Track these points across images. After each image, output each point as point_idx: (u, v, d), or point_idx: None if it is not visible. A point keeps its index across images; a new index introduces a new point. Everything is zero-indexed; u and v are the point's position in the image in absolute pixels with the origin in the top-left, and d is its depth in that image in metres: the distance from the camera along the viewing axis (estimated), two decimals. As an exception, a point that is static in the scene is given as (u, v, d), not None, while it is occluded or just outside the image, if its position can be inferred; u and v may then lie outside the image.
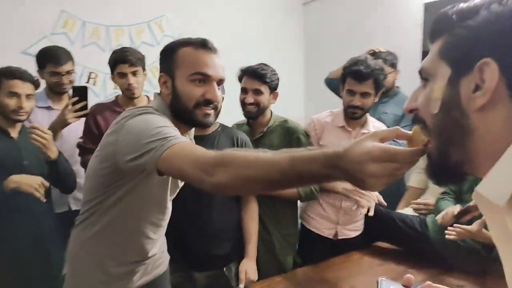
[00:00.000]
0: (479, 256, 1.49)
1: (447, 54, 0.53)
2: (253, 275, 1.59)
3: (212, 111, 1.08)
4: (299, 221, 1.94)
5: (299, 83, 4.00)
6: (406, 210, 2.05)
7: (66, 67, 2.02)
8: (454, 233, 1.49)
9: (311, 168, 0.66)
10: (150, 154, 0.89)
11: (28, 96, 1.62)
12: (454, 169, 0.56)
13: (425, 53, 2.40)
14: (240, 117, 1.86)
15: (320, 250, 1.81)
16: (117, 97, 2.01)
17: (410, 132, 0.63)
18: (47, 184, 1.58)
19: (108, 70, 1.96)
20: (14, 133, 1.65)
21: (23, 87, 1.59)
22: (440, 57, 0.54)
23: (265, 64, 1.74)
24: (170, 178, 1.13)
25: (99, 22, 2.92)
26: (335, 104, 2.67)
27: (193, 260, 1.55)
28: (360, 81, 1.66)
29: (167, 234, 1.43)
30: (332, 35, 3.65)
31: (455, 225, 1.50)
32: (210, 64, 1.05)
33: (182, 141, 0.90)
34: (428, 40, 0.58)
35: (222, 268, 1.60)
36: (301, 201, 1.80)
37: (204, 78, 1.05)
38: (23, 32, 2.65)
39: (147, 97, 2.05)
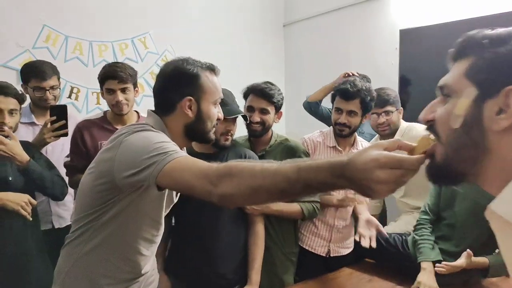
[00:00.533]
0: (458, 273, 1.56)
1: (474, 75, 0.57)
2: None
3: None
4: None
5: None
6: (390, 227, 2.14)
7: (51, 82, 1.98)
8: (443, 269, 1.56)
9: (317, 177, 0.69)
10: (150, 169, 0.90)
11: (11, 111, 1.58)
12: (457, 177, 0.61)
13: (402, 77, 2.52)
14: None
15: (313, 267, 1.84)
16: (105, 112, 1.95)
17: (413, 144, 0.67)
18: (34, 202, 1.53)
19: (90, 85, 1.94)
20: None
21: (5, 102, 1.55)
22: (466, 77, 0.58)
23: (271, 83, 1.76)
24: (166, 193, 1.14)
25: (82, 37, 2.89)
26: (315, 123, 2.79)
27: (196, 280, 1.53)
28: (346, 100, 1.73)
29: (171, 254, 1.44)
30: (312, 57, 3.78)
31: (443, 263, 1.57)
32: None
33: (183, 155, 0.92)
34: (451, 58, 0.63)
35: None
36: (303, 220, 1.81)
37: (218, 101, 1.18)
38: (4, 45, 2.59)
39: (137, 112, 2.00)
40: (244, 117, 1.60)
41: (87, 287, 1.11)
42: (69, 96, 2.84)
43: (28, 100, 1.93)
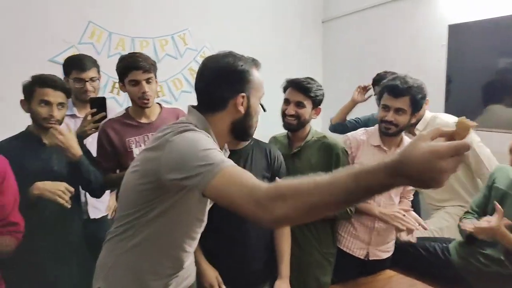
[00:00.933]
0: (503, 280, 1.46)
1: None
2: None
3: None
4: None
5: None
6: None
7: (90, 73, 2.01)
8: (471, 225, 1.47)
9: (376, 181, 0.69)
10: (198, 179, 0.89)
11: (59, 104, 1.61)
12: None
13: (450, 74, 2.39)
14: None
15: (351, 269, 1.78)
16: (127, 109, 1.86)
17: (452, 129, 0.72)
18: (71, 189, 1.53)
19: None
20: (46, 139, 1.65)
21: (54, 96, 1.58)
22: None
23: (311, 79, 1.71)
24: None
25: (125, 33, 2.97)
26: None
27: (227, 278, 1.51)
28: (395, 96, 1.65)
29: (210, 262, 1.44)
30: (351, 54, 3.68)
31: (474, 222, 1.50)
32: None
33: (229, 165, 0.90)
34: None
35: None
36: (334, 220, 1.77)
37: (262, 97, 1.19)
38: (52, 41, 2.70)
39: (159, 105, 1.92)
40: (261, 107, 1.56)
41: (130, 282, 1.12)
42: (111, 91, 2.92)
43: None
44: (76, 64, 2.00)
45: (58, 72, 2.58)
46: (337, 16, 3.81)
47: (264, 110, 1.52)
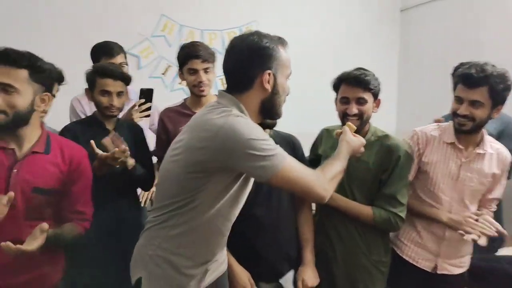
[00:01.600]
0: None
1: None
2: (312, 281, 1.51)
3: None
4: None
5: (392, 95, 3.74)
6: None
7: (118, 58, 2.06)
8: None
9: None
10: (261, 171, 1.01)
11: (119, 93, 1.66)
12: None
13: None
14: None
15: (413, 282, 1.60)
16: (185, 99, 1.90)
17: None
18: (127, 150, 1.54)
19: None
20: (109, 125, 1.72)
21: (114, 85, 1.63)
22: None
23: (364, 69, 1.54)
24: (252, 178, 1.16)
25: (195, 26, 3.03)
26: (431, 118, 2.45)
27: (263, 270, 1.50)
28: (469, 87, 1.43)
29: (235, 246, 1.41)
30: (432, 44, 3.35)
31: None
32: None
33: (288, 156, 1.05)
34: None
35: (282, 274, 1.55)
36: (374, 224, 1.54)
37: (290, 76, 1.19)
38: (127, 34, 2.84)
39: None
40: None
41: (171, 270, 1.12)
42: (180, 83, 3.00)
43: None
44: (105, 50, 2.05)
45: (133, 64, 2.76)
46: (417, 4, 3.50)
47: None
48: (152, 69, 2.95)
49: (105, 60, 2.04)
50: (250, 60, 1.09)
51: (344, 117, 1.52)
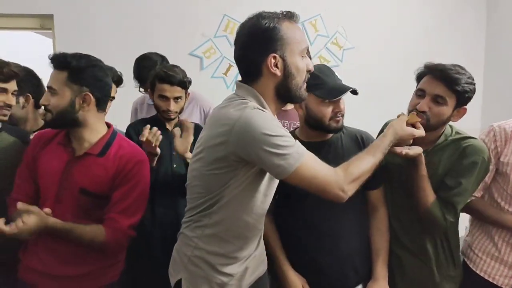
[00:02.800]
0: None
1: None
2: None
3: None
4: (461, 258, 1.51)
5: (477, 89, 3.31)
6: None
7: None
8: None
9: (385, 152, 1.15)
10: (278, 168, 0.97)
11: (176, 98, 1.71)
12: None
13: None
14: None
15: None
16: None
17: None
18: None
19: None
20: (169, 125, 1.79)
21: (171, 91, 1.68)
22: None
23: (461, 67, 1.31)
24: None
25: (256, 24, 3.01)
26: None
27: (324, 283, 1.36)
28: None
29: (293, 256, 1.34)
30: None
31: None
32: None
33: (306, 153, 1.01)
34: None
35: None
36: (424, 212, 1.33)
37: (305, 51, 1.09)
38: (191, 35, 2.93)
39: None
40: (354, 92, 1.28)
41: (211, 270, 1.12)
42: (241, 81, 3.02)
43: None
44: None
45: (196, 64, 2.84)
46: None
47: (355, 93, 1.29)
48: (214, 69, 2.99)
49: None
50: (251, 46, 1.04)
51: (411, 111, 1.33)
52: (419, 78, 1.37)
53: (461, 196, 1.29)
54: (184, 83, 1.72)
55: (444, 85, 1.26)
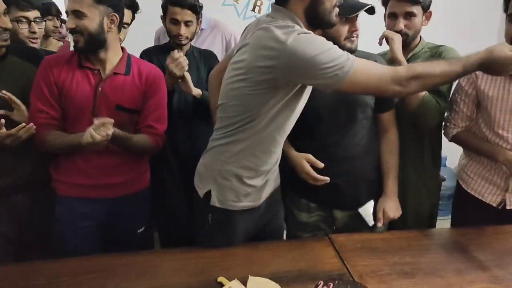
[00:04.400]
0: None
1: None
2: (393, 212, 1.46)
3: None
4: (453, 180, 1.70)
5: (494, 19, 3.21)
6: None
7: None
8: None
9: (472, 69, 1.08)
10: (332, 79, 1.01)
11: (186, 22, 1.72)
12: None
13: None
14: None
15: (479, 218, 1.51)
16: None
17: None
18: None
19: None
20: (181, 51, 1.79)
21: (181, 14, 1.69)
22: None
23: None
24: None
25: None
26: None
27: (338, 198, 1.47)
28: None
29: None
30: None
31: None
32: None
33: (355, 58, 1.04)
34: None
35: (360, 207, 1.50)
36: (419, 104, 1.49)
37: None
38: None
39: None
40: (371, 9, 1.32)
41: (237, 183, 1.23)
42: (253, 9, 2.98)
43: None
44: None
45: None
46: None
47: (372, 12, 1.34)
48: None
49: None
50: None
51: None
52: (384, 3, 1.55)
53: (449, 87, 1.55)
54: (195, 7, 1.73)
55: (409, 2, 1.46)
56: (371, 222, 1.46)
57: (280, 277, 1.11)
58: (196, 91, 1.72)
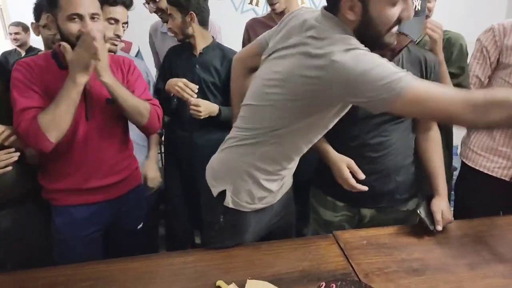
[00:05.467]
0: None
1: None
2: (449, 216, 1.36)
3: None
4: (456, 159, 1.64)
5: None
6: None
7: None
8: None
9: None
10: (383, 101, 0.88)
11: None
12: None
13: None
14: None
15: (489, 194, 1.45)
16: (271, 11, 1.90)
17: None
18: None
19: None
20: (196, 51, 1.84)
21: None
22: None
23: None
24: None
25: None
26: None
27: (369, 197, 1.37)
28: None
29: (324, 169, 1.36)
30: None
31: None
32: None
33: (412, 79, 0.88)
34: None
35: (393, 203, 1.44)
36: None
37: None
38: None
39: None
40: None
41: (254, 185, 1.17)
42: (250, 2, 2.92)
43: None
44: None
45: None
46: None
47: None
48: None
49: None
50: None
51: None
52: None
53: (468, 77, 1.55)
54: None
55: None
56: (431, 225, 1.33)
57: (281, 279, 1.07)
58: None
